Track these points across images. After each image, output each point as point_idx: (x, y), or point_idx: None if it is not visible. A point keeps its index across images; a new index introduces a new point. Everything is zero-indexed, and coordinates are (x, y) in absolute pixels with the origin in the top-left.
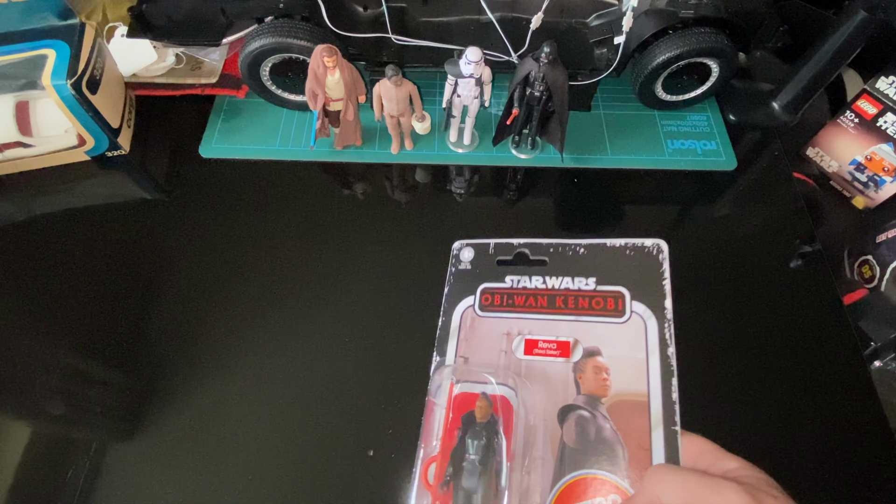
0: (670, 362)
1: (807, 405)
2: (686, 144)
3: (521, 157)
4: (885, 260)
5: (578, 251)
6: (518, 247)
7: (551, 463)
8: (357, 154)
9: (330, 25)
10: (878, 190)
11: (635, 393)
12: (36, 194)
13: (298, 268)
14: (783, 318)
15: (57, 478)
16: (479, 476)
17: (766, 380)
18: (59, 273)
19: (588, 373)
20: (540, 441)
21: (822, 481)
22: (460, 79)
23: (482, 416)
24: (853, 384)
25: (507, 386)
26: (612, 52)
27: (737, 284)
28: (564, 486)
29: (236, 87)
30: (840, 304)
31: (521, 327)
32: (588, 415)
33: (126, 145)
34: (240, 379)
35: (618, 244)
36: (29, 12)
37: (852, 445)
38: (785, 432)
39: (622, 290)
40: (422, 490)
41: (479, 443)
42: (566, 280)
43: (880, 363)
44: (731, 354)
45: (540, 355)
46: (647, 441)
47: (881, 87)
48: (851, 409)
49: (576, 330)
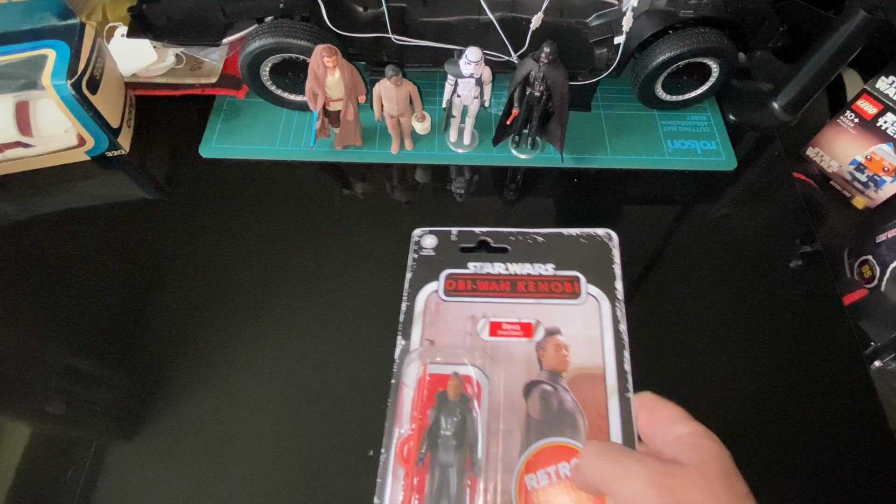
0: (622, 337)
1: (807, 405)
2: (686, 144)
3: (521, 157)
4: (885, 260)
5: (537, 239)
6: (480, 235)
7: (518, 435)
8: (357, 154)
9: (330, 25)
10: (878, 190)
11: (592, 366)
12: (36, 194)
13: (299, 268)
14: (783, 318)
15: (57, 478)
16: (454, 450)
17: (766, 379)
18: (59, 273)
19: (549, 350)
20: (507, 415)
21: (821, 481)
22: (460, 79)
23: (454, 395)
24: (853, 384)
25: (476, 366)
26: (612, 52)
27: (737, 284)
28: (531, 454)
29: (236, 87)
30: (840, 304)
31: (485, 311)
32: (550, 388)
33: (126, 145)
34: (239, 378)
35: (573, 233)
36: (29, 12)
37: (852, 445)
38: (785, 432)
39: (578, 274)
40: (396, 466)
41: (454, 419)
42: (527, 266)
43: (880, 363)
44: (730, 354)
45: (504, 336)
46: (604, 409)
47: (881, 87)
48: (851, 409)
49: (537, 312)
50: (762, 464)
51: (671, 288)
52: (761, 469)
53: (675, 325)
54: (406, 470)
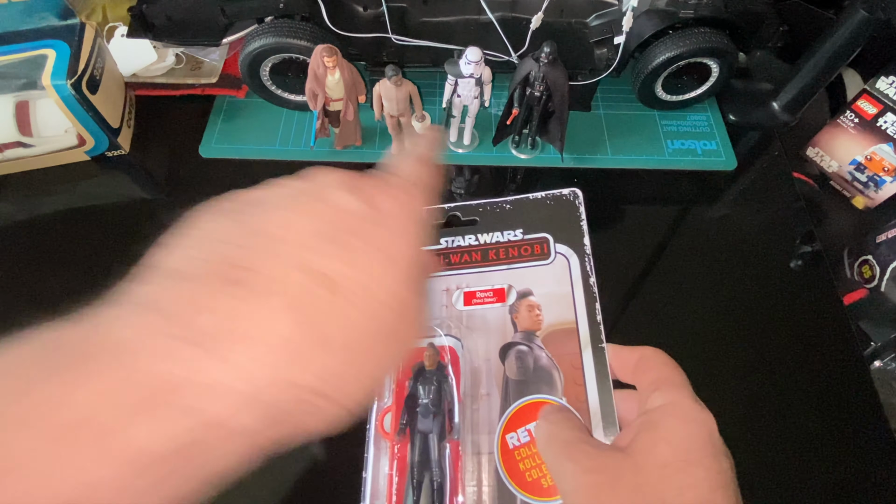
0: (593, 290)
1: (807, 405)
2: (686, 144)
3: (521, 157)
4: (885, 260)
5: (505, 207)
6: (449, 210)
7: (497, 396)
8: (357, 154)
9: (330, 25)
10: (878, 190)
11: (565, 322)
12: (36, 194)
13: None
14: (783, 318)
15: None
16: (433, 417)
17: (766, 379)
18: (59, 273)
19: (522, 312)
20: (486, 379)
21: (821, 481)
22: (460, 79)
23: (430, 364)
24: (853, 384)
25: (452, 336)
26: (612, 52)
27: (737, 284)
28: (511, 413)
29: (236, 87)
30: (840, 304)
31: (458, 282)
32: (526, 348)
33: (126, 145)
34: None
35: (539, 196)
36: (29, 12)
37: (852, 445)
38: (784, 432)
39: (546, 235)
40: (379, 438)
41: (431, 388)
42: (496, 234)
43: (880, 363)
44: (730, 354)
45: (479, 304)
46: (578, 361)
47: (881, 87)
48: (851, 409)
49: (508, 277)
50: (761, 463)
51: (671, 288)
52: (761, 469)
53: (674, 326)
54: (389, 441)
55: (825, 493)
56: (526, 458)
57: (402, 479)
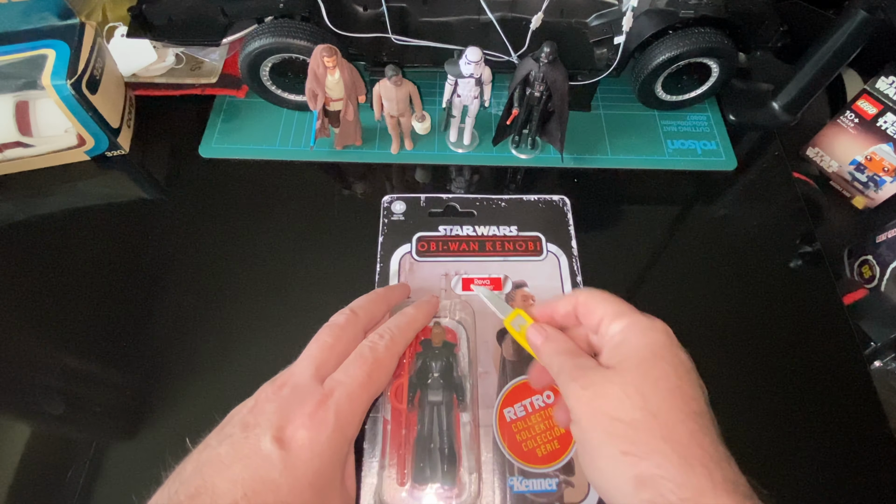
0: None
1: (806, 405)
2: (686, 144)
3: (521, 157)
4: (885, 260)
5: (500, 204)
6: (447, 201)
7: (495, 375)
8: (357, 154)
9: (330, 25)
10: (878, 190)
11: None
12: (36, 194)
13: (299, 267)
14: (783, 318)
15: (57, 478)
16: (442, 390)
17: (765, 379)
18: (59, 273)
19: (518, 301)
20: (485, 358)
21: (821, 481)
22: (460, 79)
23: (438, 342)
24: (853, 384)
25: (455, 320)
26: (612, 52)
27: (737, 284)
28: (508, 391)
29: (236, 87)
30: (840, 304)
31: (457, 268)
32: None
33: (126, 145)
34: (239, 378)
35: (532, 199)
36: (29, 12)
37: (852, 445)
38: (784, 432)
39: (539, 235)
40: (393, 407)
41: (440, 363)
42: (493, 228)
43: (880, 363)
44: (730, 354)
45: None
46: None
47: (881, 87)
48: (851, 409)
49: (504, 268)
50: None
51: (671, 287)
52: (760, 468)
53: (674, 325)
54: (400, 409)
55: (825, 493)
56: (522, 430)
57: (409, 447)
